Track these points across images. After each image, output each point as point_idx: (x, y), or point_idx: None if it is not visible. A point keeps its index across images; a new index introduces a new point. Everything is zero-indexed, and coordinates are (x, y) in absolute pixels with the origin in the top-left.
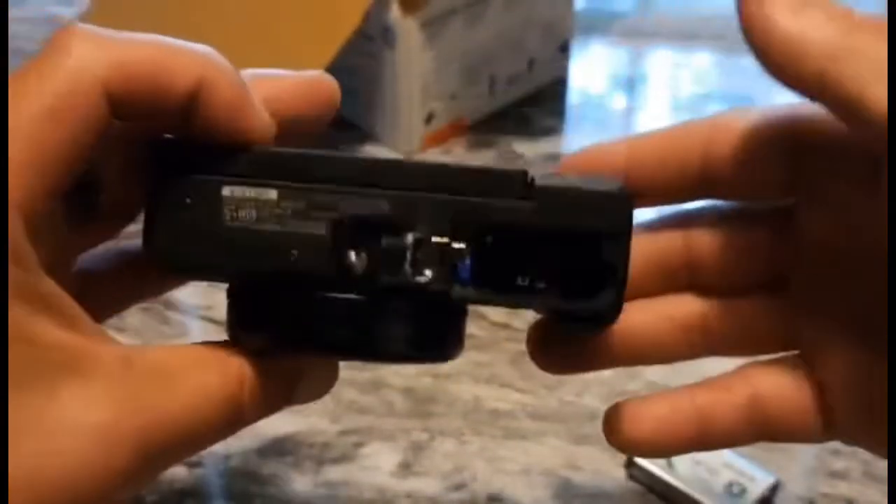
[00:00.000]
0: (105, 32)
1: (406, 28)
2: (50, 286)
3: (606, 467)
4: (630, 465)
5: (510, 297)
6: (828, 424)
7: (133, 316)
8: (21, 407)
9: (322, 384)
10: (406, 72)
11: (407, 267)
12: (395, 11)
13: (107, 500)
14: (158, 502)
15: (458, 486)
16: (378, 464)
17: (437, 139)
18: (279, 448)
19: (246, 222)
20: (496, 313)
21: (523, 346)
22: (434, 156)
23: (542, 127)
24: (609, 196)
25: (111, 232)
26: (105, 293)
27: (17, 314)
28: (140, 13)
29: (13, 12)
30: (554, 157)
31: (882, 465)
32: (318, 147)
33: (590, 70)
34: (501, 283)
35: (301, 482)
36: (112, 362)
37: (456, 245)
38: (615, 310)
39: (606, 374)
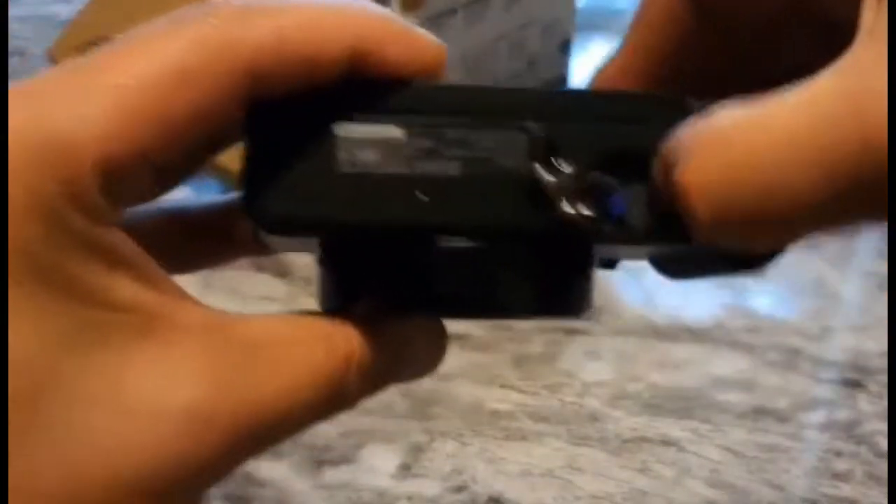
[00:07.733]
0: (257, 5)
1: None
2: (125, 241)
3: (607, 468)
4: None
5: (664, 237)
6: None
7: None
8: (90, 375)
9: (431, 357)
10: None
11: (564, 199)
12: (395, 11)
13: (186, 496)
14: None
15: (459, 488)
16: (378, 465)
17: None
18: (278, 449)
19: (365, 166)
20: None
21: (524, 347)
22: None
23: None
24: None
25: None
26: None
27: (87, 270)
28: (138, 11)
29: (13, 11)
30: None
31: (885, 467)
32: None
33: (591, 68)
34: (654, 221)
35: (300, 484)
36: (199, 329)
37: (606, 179)
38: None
39: (607, 375)
